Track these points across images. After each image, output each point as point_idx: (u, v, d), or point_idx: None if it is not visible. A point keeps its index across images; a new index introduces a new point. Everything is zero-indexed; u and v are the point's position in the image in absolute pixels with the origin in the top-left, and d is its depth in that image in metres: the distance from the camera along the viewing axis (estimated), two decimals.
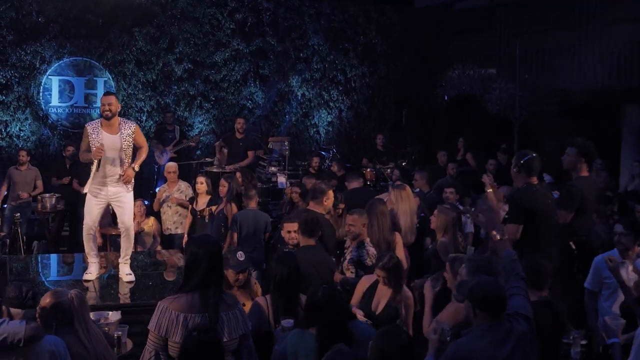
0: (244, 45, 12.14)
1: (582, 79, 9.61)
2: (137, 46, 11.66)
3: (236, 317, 3.44)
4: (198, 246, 3.44)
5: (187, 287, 3.38)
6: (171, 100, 11.85)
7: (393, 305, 4.88)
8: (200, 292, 3.34)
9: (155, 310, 3.37)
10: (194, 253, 3.41)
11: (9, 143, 11.32)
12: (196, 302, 3.33)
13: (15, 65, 11.22)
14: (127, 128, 6.12)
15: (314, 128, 12.60)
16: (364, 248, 5.84)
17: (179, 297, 3.37)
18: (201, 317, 3.30)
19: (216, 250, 3.48)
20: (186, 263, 3.48)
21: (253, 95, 12.21)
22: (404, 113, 11.00)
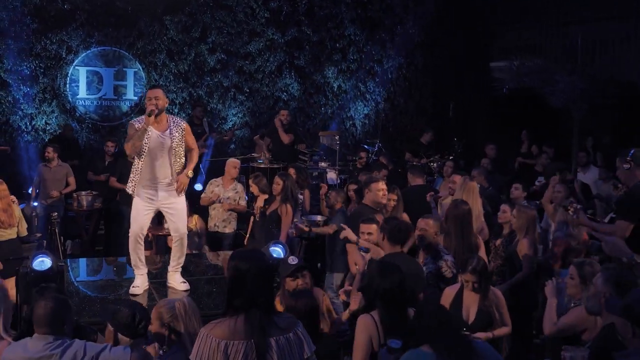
0: (279, 35, 11.28)
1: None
2: (169, 35, 10.79)
3: (290, 342, 2.86)
4: (242, 261, 2.90)
5: (231, 310, 2.85)
6: (204, 92, 11.01)
7: (485, 310, 4.44)
8: (245, 315, 2.80)
9: (197, 339, 2.86)
10: (237, 269, 2.88)
11: (34, 137, 10.48)
12: (240, 326, 2.79)
13: (40, 55, 10.36)
14: (177, 126, 5.29)
15: (350, 121, 11.83)
16: (441, 259, 5.11)
17: (221, 322, 2.83)
18: (245, 344, 2.76)
19: (263, 265, 2.94)
20: (228, 281, 2.91)
21: (288, 86, 11.40)
22: (451, 106, 10.26)
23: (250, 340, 2.76)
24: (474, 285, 4.44)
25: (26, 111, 10.40)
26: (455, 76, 11.47)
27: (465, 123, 10.97)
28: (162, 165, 5.26)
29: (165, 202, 5.39)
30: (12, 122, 10.37)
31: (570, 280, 4.32)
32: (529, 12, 10.41)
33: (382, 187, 6.15)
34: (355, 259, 5.28)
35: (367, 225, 5.37)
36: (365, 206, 6.20)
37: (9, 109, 10.33)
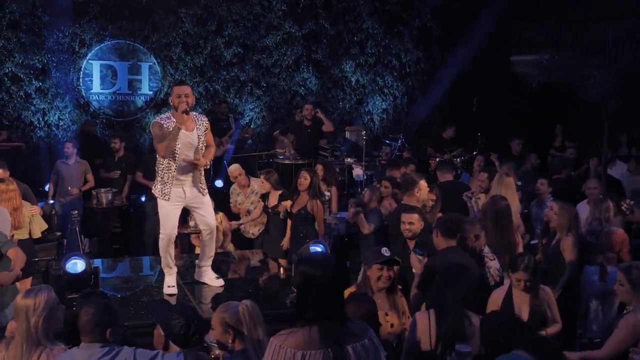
0: (296, 28, 10.89)
1: None
2: (184, 28, 10.39)
3: (366, 349, 2.71)
4: (312, 268, 2.71)
5: (303, 319, 2.68)
6: (220, 87, 10.63)
7: (537, 310, 4.26)
8: (319, 323, 2.64)
9: (268, 349, 2.70)
10: (308, 276, 2.69)
11: (47, 133, 10.10)
12: (315, 336, 2.63)
13: (52, 49, 9.95)
14: (202, 123, 5.08)
15: (367, 115, 11.49)
16: (484, 265, 4.83)
17: (293, 331, 2.66)
18: (322, 353, 2.62)
19: (336, 271, 2.76)
20: (299, 288, 2.76)
21: (306, 81, 11.03)
22: (474, 100, 9.95)
23: (327, 349, 2.61)
24: (525, 285, 4.24)
25: (38, 106, 10.02)
26: (475, 70, 11.16)
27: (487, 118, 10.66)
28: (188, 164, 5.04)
29: (193, 200, 5.21)
30: (24, 117, 9.99)
31: (620, 287, 4.07)
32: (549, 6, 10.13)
33: (424, 187, 5.88)
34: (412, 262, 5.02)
35: (409, 214, 5.18)
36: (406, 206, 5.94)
37: (20, 104, 9.95)
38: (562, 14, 10.07)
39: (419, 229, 5.13)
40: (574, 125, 10.15)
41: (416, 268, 4.91)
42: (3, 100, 9.83)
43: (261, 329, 3.25)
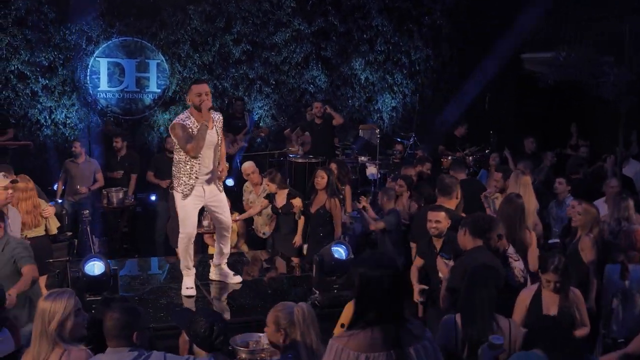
0: (306, 26, 10.72)
1: None
2: (192, 25, 10.20)
3: (427, 350, 2.67)
4: (371, 269, 2.64)
5: (363, 321, 2.62)
6: (229, 84, 10.45)
7: (566, 311, 4.16)
8: (380, 325, 2.60)
9: (328, 352, 2.66)
10: (368, 278, 2.62)
11: (54, 131, 9.92)
12: (377, 337, 2.59)
13: (58, 46, 9.76)
14: (218, 120, 5.08)
15: (377, 113, 11.34)
16: (508, 265, 4.71)
17: (354, 333, 2.62)
18: (385, 355, 2.59)
19: (395, 271, 2.68)
20: (357, 290, 2.67)
21: (315, 78, 10.87)
22: (486, 98, 9.81)
23: (389, 351, 2.58)
24: (555, 286, 4.15)
25: (45, 104, 9.82)
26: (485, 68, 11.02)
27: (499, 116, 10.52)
28: (210, 162, 5.06)
29: (212, 198, 5.18)
30: (31, 115, 9.79)
31: None
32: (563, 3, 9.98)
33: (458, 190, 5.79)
34: (439, 266, 4.91)
35: (436, 212, 5.10)
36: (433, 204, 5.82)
37: (27, 102, 9.76)
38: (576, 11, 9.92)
39: (446, 227, 5.04)
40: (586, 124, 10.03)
41: (443, 272, 4.82)
42: (9, 98, 9.64)
43: (314, 334, 3.21)
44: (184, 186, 4.99)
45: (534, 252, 5.28)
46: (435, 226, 5.05)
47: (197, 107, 4.86)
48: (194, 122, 4.86)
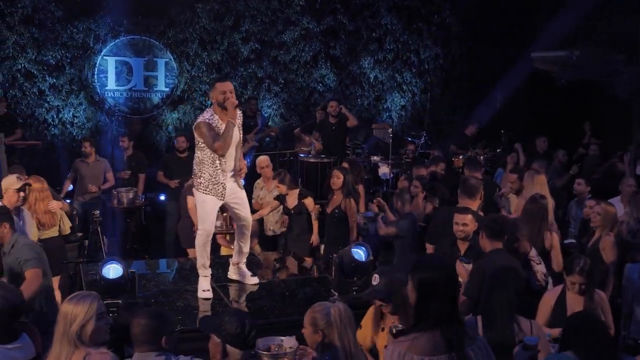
0: (314, 24, 10.62)
1: None
2: (201, 24, 10.10)
3: (481, 350, 2.68)
4: (429, 272, 2.66)
5: (423, 324, 2.62)
6: (238, 83, 10.31)
7: (591, 313, 3.95)
8: (441, 328, 2.59)
9: (389, 357, 2.61)
10: (429, 282, 2.62)
11: (62, 130, 9.81)
12: (439, 341, 2.57)
13: (66, 45, 9.66)
14: (239, 117, 4.96)
15: (386, 112, 11.24)
16: (531, 268, 4.63)
17: (415, 337, 2.59)
18: (447, 358, 2.57)
19: (451, 272, 2.78)
20: (417, 294, 2.66)
21: (324, 77, 10.76)
22: (498, 97, 9.71)
23: (451, 354, 2.57)
24: (580, 287, 4.09)
25: (52, 103, 9.72)
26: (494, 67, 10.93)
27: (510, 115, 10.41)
28: (233, 159, 4.97)
29: (232, 195, 5.07)
30: (38, 115, 9.68)
31: None
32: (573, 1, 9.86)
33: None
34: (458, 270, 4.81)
35: (463, 215, 4.97)
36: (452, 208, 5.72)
37: (34, 101, 9.65)
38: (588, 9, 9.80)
39: (472, 230, 4.88)
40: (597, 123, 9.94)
41: (462, 276, 4.71)
42: (16, 97, 9.52)
43: (352, 334, 3.15)
44: (207, 184, 4.90)
45: (558, 254, 5.19)
46: (462, 229, 4.90)
47: (221, 105, 4.75)
48: (218, 120, 4.78)
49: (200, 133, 4.76)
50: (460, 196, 5.64)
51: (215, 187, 4.91)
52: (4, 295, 3.02)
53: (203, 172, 4.89)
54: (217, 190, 4.92)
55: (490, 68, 10.99)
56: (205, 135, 4.73)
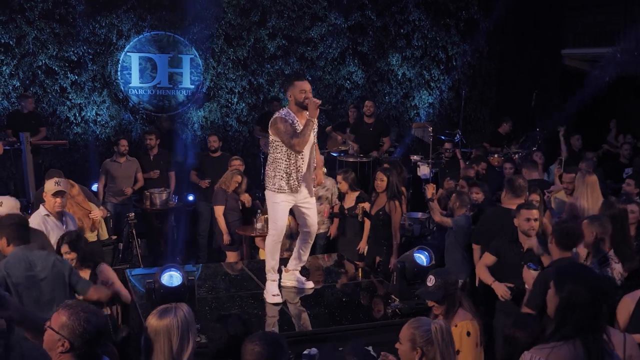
0: (342, 20, 10.32)
1: None
2: (226, 19, 9.77)
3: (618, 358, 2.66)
4: (580, 284, 2.59)
5: (563, 333, 2.58)
6: (264, 80, 10.04)
7: None
8: (582, 337, 2.54)
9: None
10: (575, 293, 2.58)
11: (84, 129, 9.48)
12: (580, 351, 2.53)
13: (88, 40, 9.31)
14: (315, 123, 4.74)
15: (414, 110, 10.97)
16: (608, 265, 4.45)
17: (555, 346, 2.54)
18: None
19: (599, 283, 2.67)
20: (563, 303, 2.62)
21: (352, 74, 10.48)
22: (533, 95, 9.46)
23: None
24: None
25: (75, 101, 9.38)
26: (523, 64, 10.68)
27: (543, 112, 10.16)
28: (306, 162, 4.77)
29: (303, 199, 4.85)
30: (60, 113, 9.35)
31: None
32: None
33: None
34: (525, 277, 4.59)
35: (530, 210, 4.84)
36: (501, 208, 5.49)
37: (55, 98, 9.32)
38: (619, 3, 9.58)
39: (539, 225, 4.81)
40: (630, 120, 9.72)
41: (529, 284, 4.51)
42: (37, 94, 9.18)
43: (454, 355, 2.99)
44: (281, 182, 4.67)
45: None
46: (533, 225, 4.77)
47: (300, 104, 4.53)
48: (295, 118, 4.56)
49: (276, 129, 4.53)
50: (505, 195, 5.48)
51: (290, 185, 4.68)
52: (87, 319, 2.70)
53: (277, 171, 4.67)
54: (291, 188, 4.69)
55: (518, 65, 10.75)
56: (281, 131, 4.51)
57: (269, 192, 4.77)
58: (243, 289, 5.26)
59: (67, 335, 2.67)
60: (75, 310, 2.71)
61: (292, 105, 4.63)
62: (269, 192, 4.77)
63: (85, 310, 2.76)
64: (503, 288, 4.80)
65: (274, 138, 4.63)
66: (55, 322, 2.71)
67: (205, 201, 7.74)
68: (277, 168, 4.67)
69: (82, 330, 2.67)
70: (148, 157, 8.13)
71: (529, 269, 4.53)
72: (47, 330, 2.71)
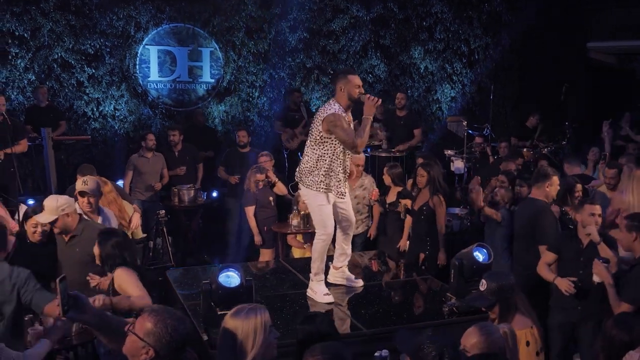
0: (364, 12, 10.09)
1: None
2: (247, 11, 9.49)
3: None
4: None
5: None
6: (286, 74, 9.81)
7: None
8: None
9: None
10: None
11: (103, 124, 9.21)
12: None
13: (105, 33, 9.02)
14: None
15: (436, 104, 10.77)
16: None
17: None
18: None
19: None
20: None
21: (374, 68, 10.24)
22: (563, 88, 9.27)
23: None
24: None
25: (92, 95, 9.10)
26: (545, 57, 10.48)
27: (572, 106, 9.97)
28: (348, 159, 4.59)
29: (341, 198, 4.64)
30: (77, 107, 9.07)
31: None
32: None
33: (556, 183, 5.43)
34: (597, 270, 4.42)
35: (593, 205, 4.78)
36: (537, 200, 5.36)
37: (72, 92, 9.04)
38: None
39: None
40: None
41: (602, 276, 4.35)
42: (53, 89, 8.89)
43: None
44: (328, 182, 4.45)
45: None
46: (597, 220, 4.68)
47: (353, 100, 4.34)
48: (346, 115, 4.37)
49: (334, 127, 4.27)
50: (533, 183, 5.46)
51: (336, 185, 4.48)
52: (175, 327, 2.50)
53: (321, 171, 4.43)
54: (337, 188, 4.50)
55: (542, 58, 10.56)
56: (341, 129, 4.26)
57: (311, 191, 4.52)
58: (290, 288, 5.06)
59: (152, 343, 2.47)
60: (161, 317, 2.51)
61: (343, 100, 4.40)
62: (312, 192, 4.52)
63: (172, 317, 2.55)
64: (567, 282, 4.67)
65: (325, 135, 4.37)
66: (140, 328, 2.51)
67: (233, 197, 7.51)
68: (323, 166, 4.43)
69: (169, 338, 2.47)
70: (173, 154, 7.88)
71: (602, 263, 4.40)
72: (130, 336, 2.52)
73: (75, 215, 4.48)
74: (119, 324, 2.74)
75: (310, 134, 4.50)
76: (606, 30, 9.65)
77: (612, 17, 9.85)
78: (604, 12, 9.95)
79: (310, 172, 4.48)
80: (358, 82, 4.37)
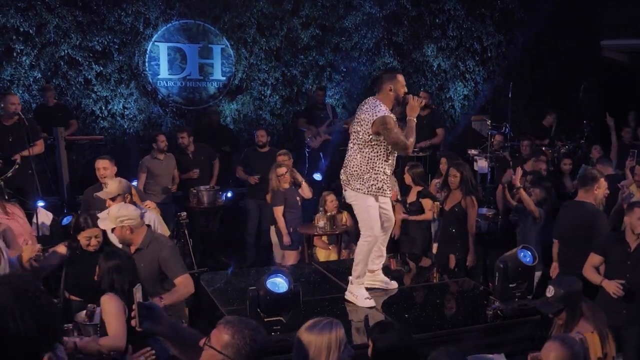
0: (377, 9, 9.94)
1: None
2: (258, 8, 9.30)
3: None
4: None
5: None
6: (298, 72, 9.61)
7: None
8: None
9: None
10: None
11: (112, 123, 8.96)
12: None
13: (113, 29, 8.79)
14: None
15: (449, 102, 10.64)
16: None
17: None
18: None
19: None
20: None
21: (387, 65, 10.03)
22: (582, 87, 9.16)
23: None
24: None
25: (100, 94, 8.85)
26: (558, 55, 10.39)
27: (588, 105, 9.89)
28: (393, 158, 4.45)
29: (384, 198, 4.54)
30: (85, 106, 8.82)
31: None
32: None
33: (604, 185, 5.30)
34: None
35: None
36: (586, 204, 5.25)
37: (80, 90, 8.78)
38: None
39: None
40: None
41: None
42: (60, 87, 8.62)
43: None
44: (379, 185, 4.33)
45: None
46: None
47: (399, 98, 4.24)
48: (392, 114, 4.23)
49: (385, 128, 4.12)
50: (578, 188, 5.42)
51: (385, 187, 4.38)
52: (253, 337, 2.33)
53: (371, 173, 4.29)
54: (385, 191, 4.39)
55: (554, 56, 10.48)
56: (392, 131, 4.12)
57: (359, 194, 4.38)
58: (327, 292, 4.90)
59: (231, 355, 2.30)
60: (239, 328, 2.35)
61: (388, 100, 4.26)
62: (360, 194, 4.38)
63: (249, 327, 2.38)
64: (615, 285, 4.56)
65: (374, 137, 4.22)
66: (217, 341, 2.34)
67: (253, 198, 7.32)
68: (374, 169, 4.30)
69: (248, 349, 2.30)
70: (187, 156, 7.51)
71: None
72: (208, 350, 2.35)
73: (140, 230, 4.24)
74: (193, 337, 2.58)
75: (355, 136, 4.34)
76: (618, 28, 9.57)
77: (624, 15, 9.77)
78: (615, 9, 9.87)
79: (360, 176, 4.33)
80: (404, 82, 4.30)
